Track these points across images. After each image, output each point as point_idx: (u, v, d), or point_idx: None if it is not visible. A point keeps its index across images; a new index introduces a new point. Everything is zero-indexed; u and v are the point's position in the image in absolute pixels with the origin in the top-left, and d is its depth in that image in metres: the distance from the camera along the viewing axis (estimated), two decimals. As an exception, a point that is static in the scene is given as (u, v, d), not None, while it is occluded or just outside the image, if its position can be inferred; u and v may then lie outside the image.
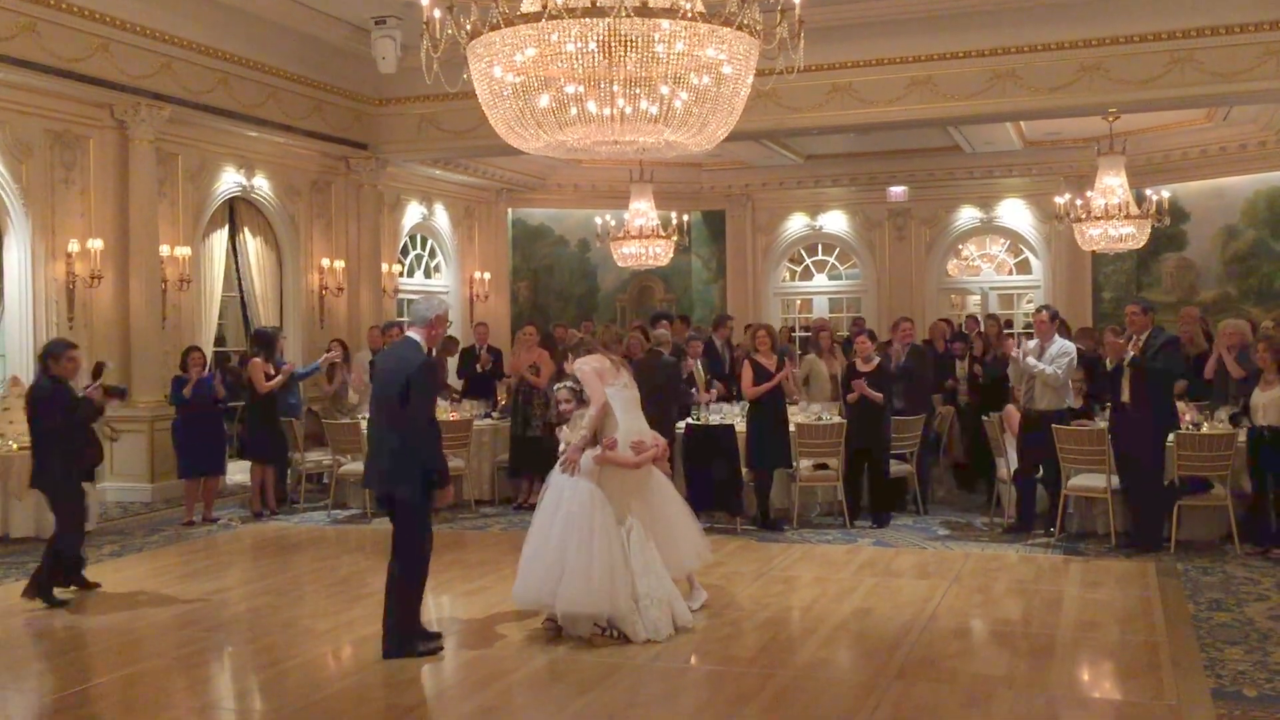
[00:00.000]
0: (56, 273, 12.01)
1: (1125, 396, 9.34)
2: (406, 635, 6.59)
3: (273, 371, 11.52)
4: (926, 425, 11.24)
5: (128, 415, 12.37)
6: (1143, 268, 18.19)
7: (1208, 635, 6.85)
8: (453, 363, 14.82)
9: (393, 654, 6.52)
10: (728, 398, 11.96)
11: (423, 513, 6.61)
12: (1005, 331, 13.26)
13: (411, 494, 6.51)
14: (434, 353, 7.38)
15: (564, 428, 7.16)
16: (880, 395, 10.42)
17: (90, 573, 8.95)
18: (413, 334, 6.69)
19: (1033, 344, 10.09)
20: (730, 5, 6.54)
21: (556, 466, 7.09)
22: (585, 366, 7.21)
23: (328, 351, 12.72)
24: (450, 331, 19.01)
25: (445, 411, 11.60)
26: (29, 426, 8.23)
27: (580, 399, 7.17)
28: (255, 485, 11.69)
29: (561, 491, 6.94)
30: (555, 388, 7.34)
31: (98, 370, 8.97)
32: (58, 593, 8.00)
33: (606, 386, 7.16)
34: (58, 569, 8.11)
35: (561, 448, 7.12)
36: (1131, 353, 9.27)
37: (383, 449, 6.60)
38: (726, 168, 20.02)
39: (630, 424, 7.19)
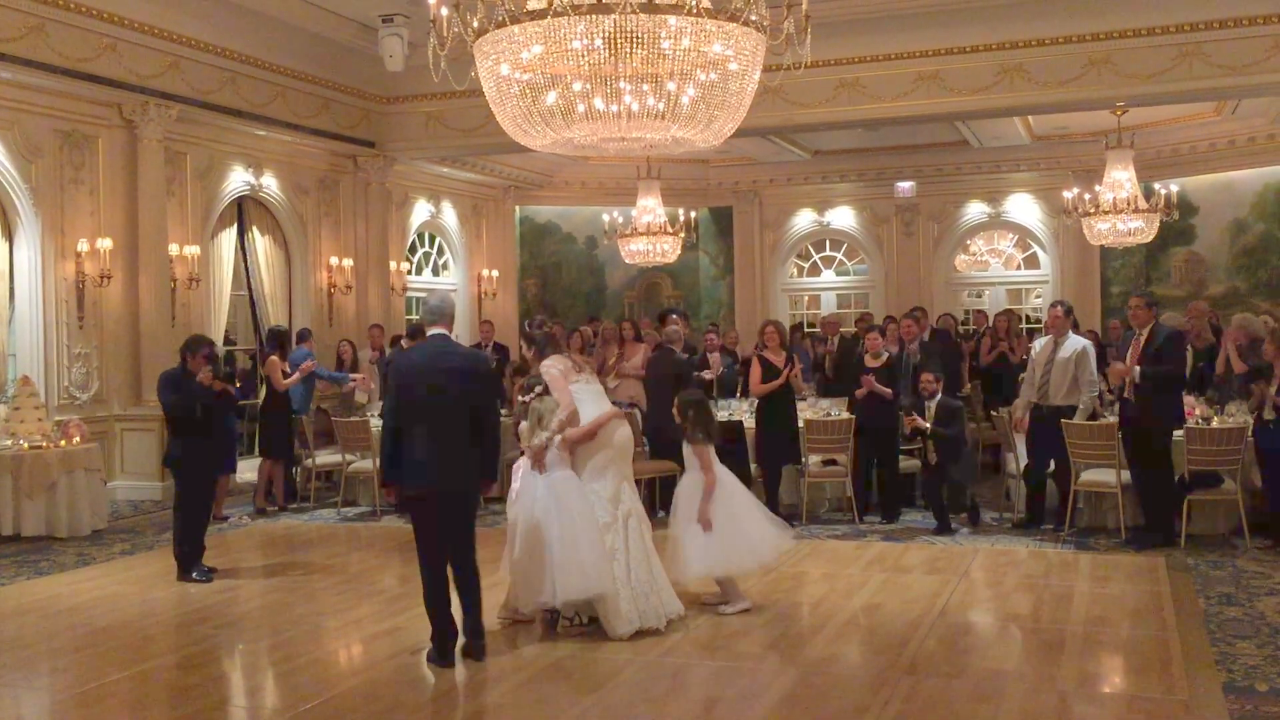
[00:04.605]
0: (66, 272, 12.04)
1: (1128, 393, 9.33)
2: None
3: (290, 369, 11.61)
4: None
5: (136, 414, 12.42)
6: (1151, 262, 18.15)
7: (1218, 630, 6.83)
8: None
9: (484, 653, 6.50)
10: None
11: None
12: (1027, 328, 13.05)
13: (483, 491, 6.89)
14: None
15: (522, 423, 7.14)
16: (890, 391, 10.43)
17: (101, 570, 9.01)
18: (444, 330, 6.62)
19: (1044, 340, 10.07)
20: (736, 1, 6.53)
21: (523, 466, 7.11)
22: (553, 370, 7.25)
23: (341, 358, 12.81)
24: (459, 329, 19.12)
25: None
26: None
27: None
28: (261, 481, 11.72)
29: (535, 490, 6.95)
30: (525, 386, 7.35)
31: (213, 358, 9.25)
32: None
33: (570, 384, 7.22)
34: (192, 548, 8.66)
35: (523, 445, 7.12)
36: (1136, 366, 9.20)
37: (459, 449, 6.39)
38: (734, 164, 20.00)
39: (594, 413, 7.22)
